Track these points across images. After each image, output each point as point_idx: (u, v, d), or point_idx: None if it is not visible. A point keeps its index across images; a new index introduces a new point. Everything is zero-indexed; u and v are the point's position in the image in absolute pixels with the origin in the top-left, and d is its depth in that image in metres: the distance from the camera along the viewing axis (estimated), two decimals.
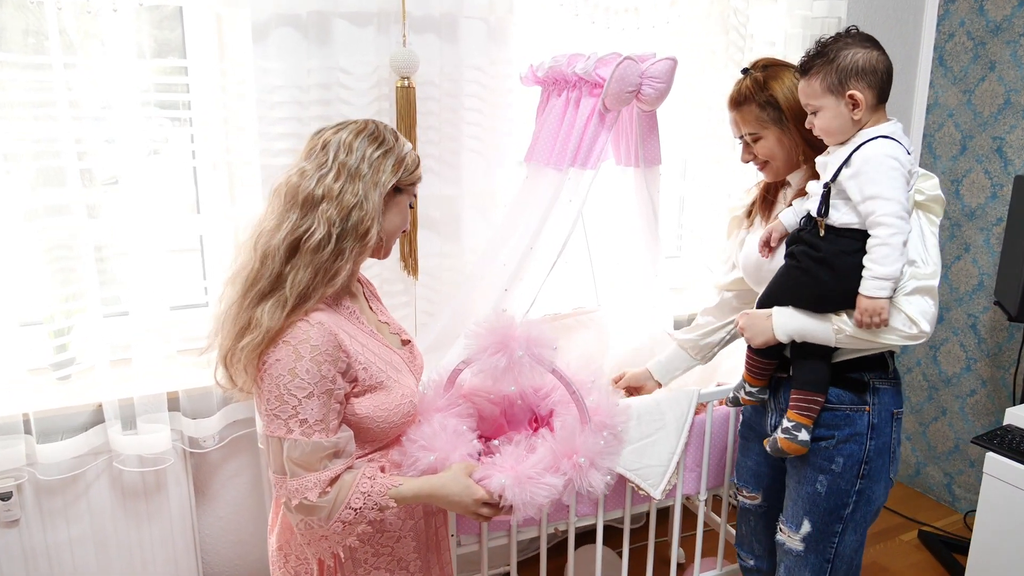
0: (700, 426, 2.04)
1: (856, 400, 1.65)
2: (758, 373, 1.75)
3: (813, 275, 1.56)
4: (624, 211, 2.21)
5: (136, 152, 1.92)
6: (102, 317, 1.96)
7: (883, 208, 1.44)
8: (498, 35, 2.16)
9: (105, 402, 1.94)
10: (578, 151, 1.88)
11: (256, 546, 2.30)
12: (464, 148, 2.19)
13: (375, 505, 1.32)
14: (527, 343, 1.43)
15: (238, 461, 2.21)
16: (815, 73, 1.52)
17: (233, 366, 1.32)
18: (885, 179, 1.45)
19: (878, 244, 1.45)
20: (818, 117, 1.54)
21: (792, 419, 1.65)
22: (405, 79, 2.03)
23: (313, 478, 1.27)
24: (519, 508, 1.39)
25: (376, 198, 1.33)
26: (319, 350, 1.26)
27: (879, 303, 1.47)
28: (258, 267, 1.30)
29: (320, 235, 1.28)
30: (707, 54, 2.41)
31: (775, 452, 1.69)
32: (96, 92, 1.87)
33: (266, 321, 1.26)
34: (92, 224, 1.92)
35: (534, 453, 1.47)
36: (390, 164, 1.35)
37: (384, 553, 1.44)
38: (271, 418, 1.28)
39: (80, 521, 2.01)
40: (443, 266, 2.25)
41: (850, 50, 1.49)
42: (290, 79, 1.97)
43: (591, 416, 1.50)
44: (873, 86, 1.50)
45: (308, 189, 1.30)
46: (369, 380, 1.36)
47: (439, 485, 1.38)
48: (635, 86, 1.82)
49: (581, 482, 1.44)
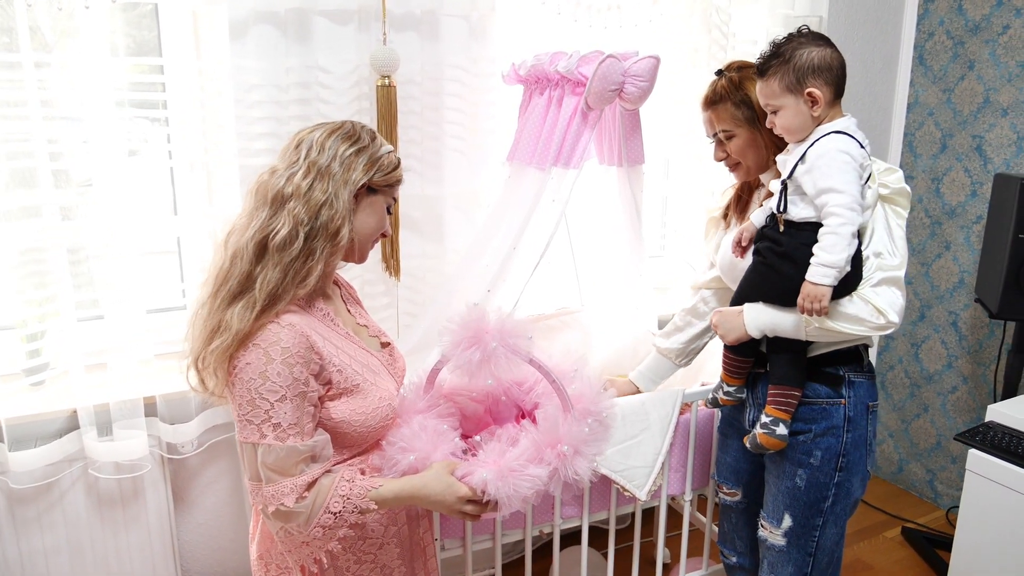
0: (685, 426, 2.03)
1: (832, 393, 1.68)
2: (735, 371, 1.77)
3: (777, 270, 1.60)
4: (607, 211, 2.20)
5: (111, 153, 1.87)
6: (76, 321, 1.92)
7: (835, 200, 1.48)
8: (480, 33, 2.14)
9: (80, 408, 1.90)
10: (561, 150, 1.87)
11: (236, 552, 2.26)
12: (446, 148, 2.17)
13: (355, 508, 1.29)
14: (500, 335, 1.41)
15: (217, 467, 2.17)
16: (772, 73, 1.56)
17: (204, 370, 1.30)
18: (837, 172, 1.49)
19: (827, 232, 1.49)
20: (779, 116, 1.58)
21: (770, 414, 1.68)
22: (386, 78, 2.01)
23: (289, 483, 1.24)
24: (504, 502, 1.36)
25: (346, 196, 1.31)
26: (290, 352, 1.24)
27: (820, 289, 1.49)
28: (228, 266, 1.28)
29: (284, 232, 1.26)
30: (689, 52, 2.40)
31: (754, 448, 1.71)
32: (70, 92, 1.83)
33: (235, 323, 1.23)
34: (66, 226, 1.88)
35: (517, 446, 1.45)
36: (362, 162, 1.33)
37: (367, 560, 1.41)
38: (244, 424, 1.25)
39: (55, 530, 1.96)
40: (425, 267, 2.23)
41: (805, 49, 1.53)
42: (268, 78, 1.94)
43: (574, 404, 1.48)
44: (830, 82, 1.54)
45: (277, 187, 1.29)
46: (344, 383, 1.33)
47: (420, 485, 1.35)
48: (618, 84, 1.81)
49: (566, 471, 1.42)
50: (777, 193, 1.59)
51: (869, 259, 1.58)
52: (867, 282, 1.56)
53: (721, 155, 1.80)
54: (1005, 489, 2.04)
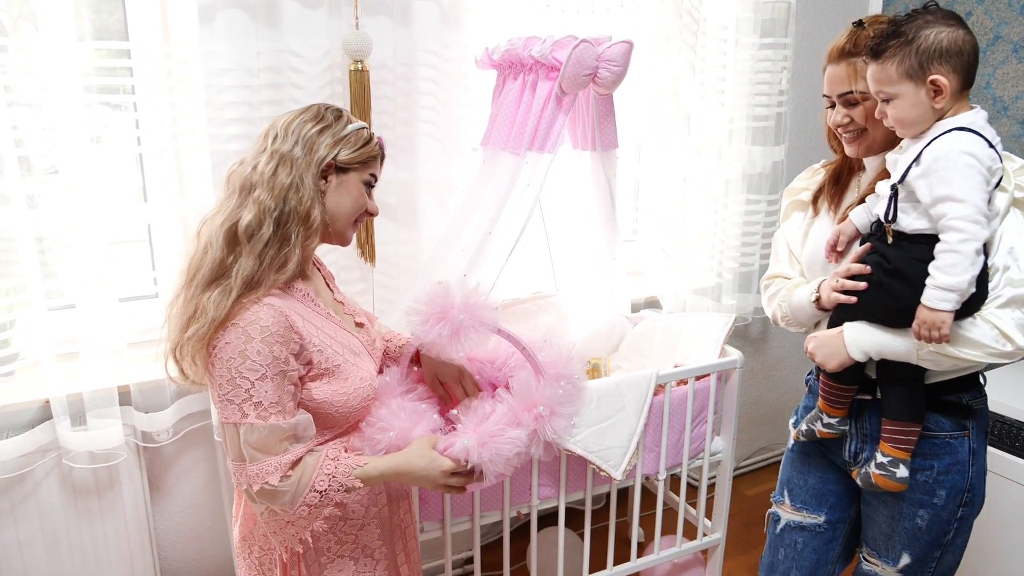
0: (658, 407, 2.07)
1: (955, 426, 1.51)
2: (837, 401, 1.56)
3: (886, 288, 1.41)
4: (581, 195, 2.22)
5: (77, 139, 1.84)
6: (46, 311, 1.89)
7: (955, 211, 1.29)
8: (452, 18, 2.14)
9: (52, 398, 1.87)
10: (535, 135, 1.88)
11: (214, 540, 2.26)
12: (419, 133, 2.17)
13: (340, 486, 1.29)
14: (467, 307, 1.44)
15: (193, 454, 2.17)
16: (890, 55, 1.34)
17: (183, 359, 1.29)
18: (958, 178, 1.29)
19: (946, 250, 1.30)
20: (892, 106, 1.37)
21: (887, 453, 1.50)
22: (358, 63, 2.00)
23: (273, 462, 1.24)
24: (487, 467, 1.37)
25: (311, 178, 1.30)
26: (269, 331, 1.23)
27: (940, 316, 1.31)
28: (199, 255, 1.28)
29: (249, 218, 1.26)
30: (661, 38, 2.42)
31: (868, 487, 1.54)
32: (31, 76, 1.79)
33: (211, 310, 1.23)
34: (33, 214, 1.85)
35: (494, 414, 1.47)
36: (325, 141, 1.32)
37: (348, 541, 1.42)
38: (225, 403, 1.24)
39: (29, 522, 1.95)
40: (400, 253, 2.23)
41: (932, 29, 1.31)
42: (239, 63, 1.92)
43: (545, 369, 1.51)
44: (958, 70, 1.32)
45: (244, 174, 1.30)
46: (325, 363, 1.33)
47: (405, 462, 1.35)
48: (592, 69, 1.82)
49: (544, 430, 1.45)
50: (886, 199, 1.40)
51: (996, 272, 1.38)
52: (992, 301, 1.37)
53: (844, 119, 1.52)
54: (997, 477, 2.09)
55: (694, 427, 2.16)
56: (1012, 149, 2.67)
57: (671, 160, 2.59)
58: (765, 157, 2.72)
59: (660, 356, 2.36)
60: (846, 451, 1.64)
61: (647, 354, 2.39)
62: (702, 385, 2.15)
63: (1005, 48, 2.65)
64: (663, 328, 2.38)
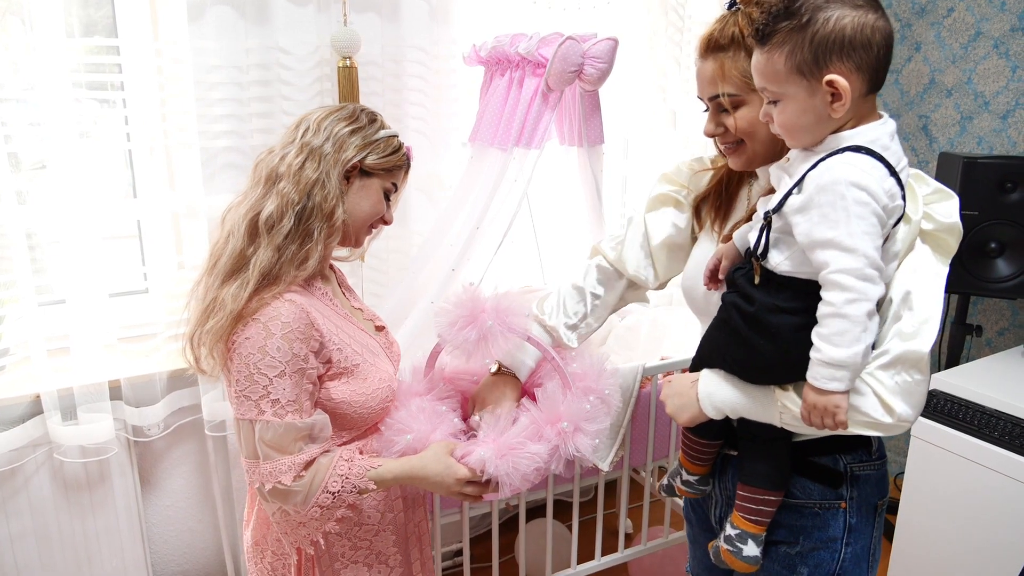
0: (646, 400, 2.10)
1: (828, 494, 1.23)
2: (698, 457, 1.33)
3: (745, 339, 1.13)
4: (568, 190, 2.24)
5: (66, 135, 1.85)
6: (37, 306, 1.90)
7: (839, 262, 1.00)
8: (440, 14, 2.16)
9: (43, 393, 1.89)
10: (522, 131, 1.90)
11: (204, 534, 2.28)
12: (408, 129, 2.19)
13: (354, 488, 1.28)
14: (496, 312, 1.39)
15: (184, 449, 2.18)
16: (778, 43, 1.02)
17: (198, 348, 1.28)
18: (845, 219, 0.99)
19: (831, 314, 1.01)
20: (779, 108, 1.07)
21: (737, 525, 1.24)
22: (347, 59, 2.02)
23: (288, 461, 1.23)
24: (503, 480, 1.32)
25: (336, 176, 1.29)
26: (290, 327, 1.22)
27: (832, 399, 1.03)
28: (222, 243, 1.28)
29: (271, 209, 1.25)
30: (647, 35, 2.45)
31: (717, 562, 1.29)
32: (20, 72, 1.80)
33: (229, 303, 1.22)
34: (22, 210, 1.86)
35: (516, 424, 1.41)
36: (355, 142, 1.31)
37: (362, 547, 1.40)
38: (241, 400, 1.23)
39: (20, 516, 1.96)
40: (390, 248, 2.25)
41: (832, 11, 0.99)
42: (228, 59, 1.94)
43: (575, 382, 1.45)
44: (864, 67, 1.02)
45: (271, 164, 1.29)
46: (344, 362, 1.32)
47: (420, 466, 1.33)
48: (577, 66, 1.84)
49: (567, 447, 1.38)
50: (756, 228, 1.12)
51: (886, 321, 1.09)
52: (877, 358, 1.08)
53: (717, 128, 1.22)
54: (947, 453, 2.15)
55: None
56: (993, 145, 2.72)
57: (658, 155, 2.61)
58: None
59: (647, 349, 2.38)
60: (712, 515, 1.40)
61: (634, 347, 2.42)
62: None
63: (986, 44, 2.69)
64: (650, 322, 2.41)
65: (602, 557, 2.23)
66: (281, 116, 2.03)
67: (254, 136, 2.02)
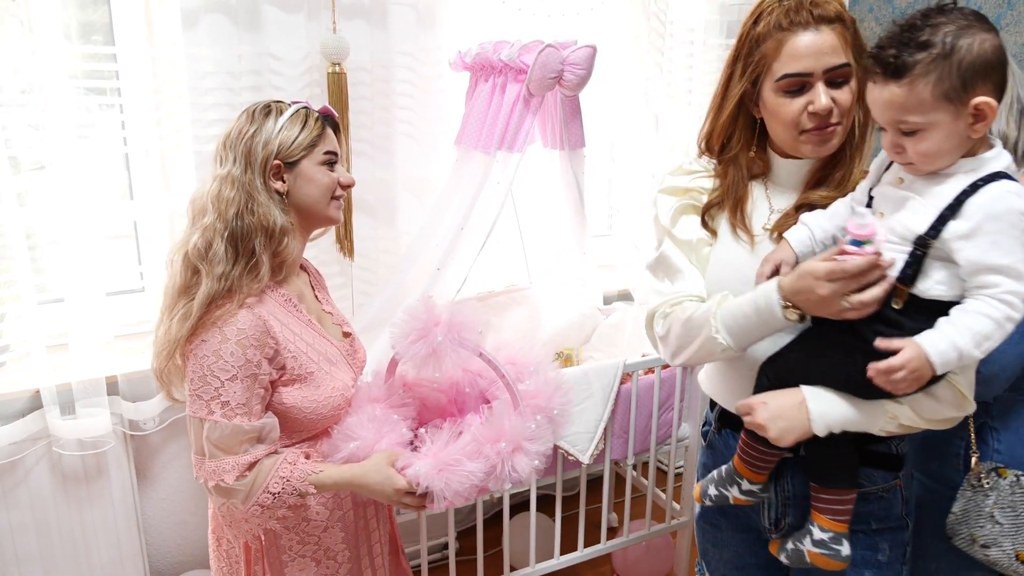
0: (626, 395, 2.16)
1: (888, 478, 1.30)
2: (760, 466, 1.31)
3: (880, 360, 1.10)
4: (552, 192, 2.31)
5: (65, 138, 1.91)
6: (36, 304, 1.96)
7: (1010, 286, 1.04)
8: (428, 21, 2.23)
9: (43, 388, 1.95)
10: (505, 135, 1.97)
11: (199, 527, 2.34)
12: (397, 133, 2.25)
13: (294, 491, 1.32)
14: (449, 328, 1.39)
15: (179, 443, 2.24)
16: (921, 74, 1.03)
17: (167, 384, 1.37)
18: (1017, 247, 1.04)
19: (984, 316, 1.05)
20: (918, 138, 1.06)
21: (826, 527, 1.25)
22: (336, 65, 2.08)
23: (231, 461, 1.28)
24: (437, 496, 1.34)
25: (259, 188, 1.31)
26: (245, 334, 1.27)
27: (926, 372, 1.07)
28: (169, 283, 1.34)
29: (194, 242, 1.29)
30: (630, 40, 2.51)
31: (799, 564, 1.28)
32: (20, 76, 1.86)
33: (175, 330, 1.29)
34: (22, 212, 1.92)
35: (459, 440, 1.42)
36: (260, 144, 1.31)
37: (310, 542, 1.44)
38: (194, 399, 1.29)
39: (20, 508, 2.02)
40: (379, 248, 2.32)
41: (972, 36, 1.02)
42: (221, 65, 2.01)
43: (526, 400, 1.46)
44: (999, 86, 1.05)
45: (199, 201, 1.33)
46: (298, 369, 1.35)
47: (360, 474, 1.36)
48: (557, 72, 1.91)
49: (504, 468, 1.38)
50: (905, 255, 1.10)
51: None
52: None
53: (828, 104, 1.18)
54: None
55: (661, 414, 2.26)
56: None
57: (642, 158, 2.68)
58: None
59: (631, 346, 2.45)
60: (765, 518, 1.39)
61: (618, 345, 2.49)
62: (668, 373, 2.24)
63: None
64: (633, 320, 2.48)
65: (585, 548, 2.30)
66: None
67: None
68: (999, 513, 1.37)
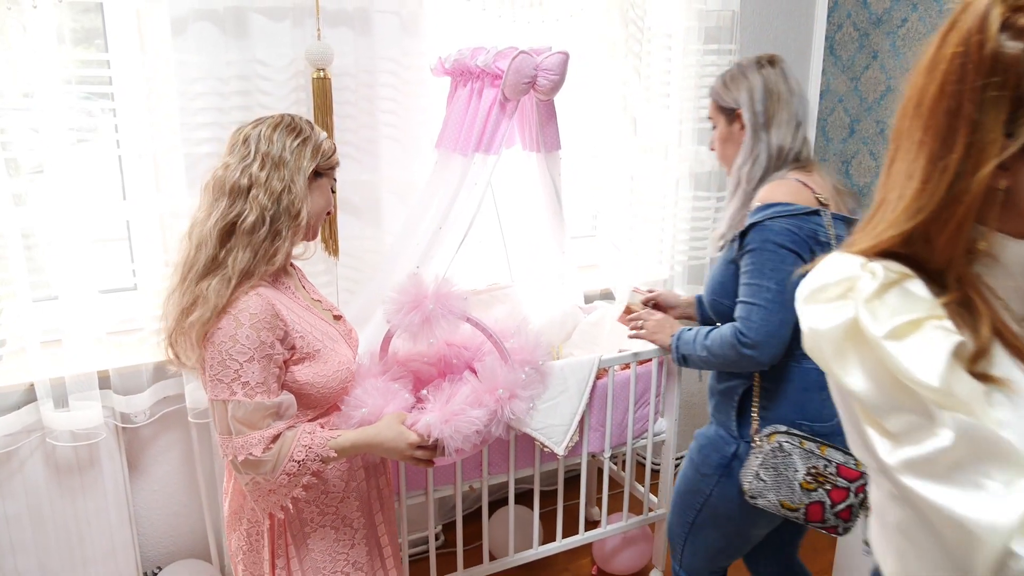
0: (602, 389, 2.23)
1: None
2: None
3: None
4: (531, 193, 2.38)
5: (60, 140, 1.99)
6: (32, 302, 2.04)
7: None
8: (411, 28, 2.30)
9: (37, 381, 2.03)
10: (482, 137, 2.04)
11: (189, 517, 2.42)
12: (381, 136, 2.32)
13: (317, 456, 1.44)
14: (437, 297, 1.56)
15: (169, 436, 2.32)
16: None
17: (178, 344, 1.45)
18: None
19: None
20: None
21: None
22: (321, 71, 2.16)
23: (257, 435, 1.39)
24: (448, 442, 1.50)
25: (301, 182, 1.46)
26: (257, 318, 1.38)
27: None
28: (193, 253, 1.44)
29: (253, 217, 1.41)
30: (608, 46, 2.58)
31: None
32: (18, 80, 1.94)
33: (213, 298, 1.38)
34: (19, 212, 1.99)
35: (459, 394, 1.60)
36: (309, 151, 1.48)
37: (329, 512, 1.56)
38: (215, 383, 1.38)
39: (16, 498, 2.09)
40: (364, 248, 2.39)
41: None
42: (210, 71, 2.08)
43: (511, 356, 1.63)
44: None
45: (234, 179, 1.44)
46: (306, 348, 1.47)
47: (374, 434, 1.50)
48: (531, 78, 1.98)
49: (504, 411, 1.57)
50: None
51: None
52: None
53: None
54: None
55: (637, 408, 2.32)
56: None
57: (620, 160, 2.75)
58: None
59: (610, 343, 2.52)
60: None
61: (598, 341, 2.56)
62: (644, 369, 2.31)
63: None
64: (613, 318, 2.54)
65: (563, 539, 2.36)
66: None
67: None
68: (763, 472, 1.63)
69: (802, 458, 1.61)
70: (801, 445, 1.63)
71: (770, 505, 1.65)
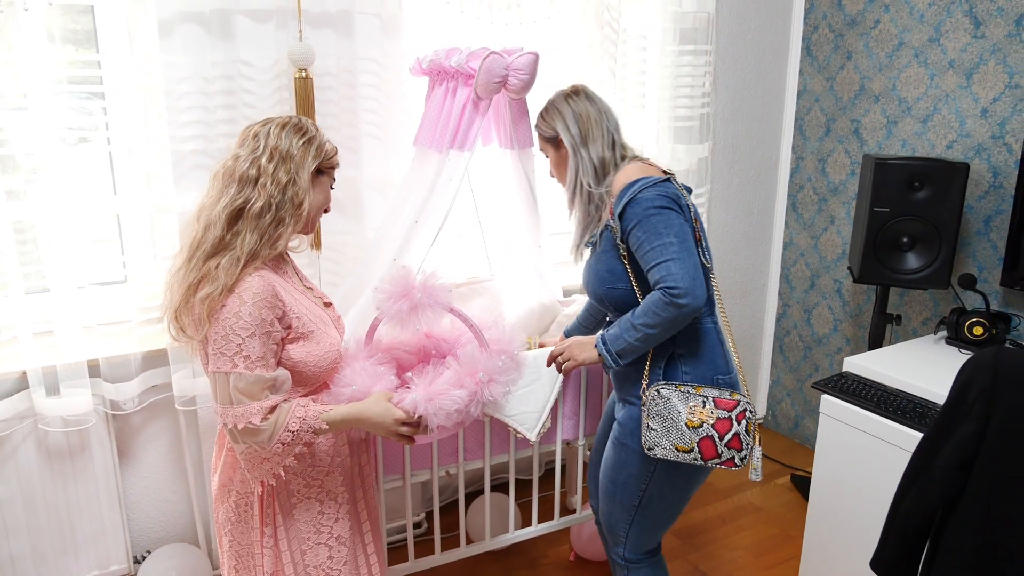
0: (575, 379, 2.31)
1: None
2: None
3: None
4: (508, 189, 2.45)
5: (53, 139, 2.07)
6: (24, 293, 2.12)
7: None
8: (391, 29, 2.38)
9: (29, 370, 2.11)
10: (456, 135, 2.12)
11: (178, 503, 2.50)
12: (362, 134, 2.41)
13: (310, 428, 1.55)
14: (424, 288, 1.68)
15: (158, 424, 2.40)
16: None
17: (181, 319, 1.56)
18: None
19: None
20: None
21: None
22: (303, 71, 2.24)
23: (256, 405, 1.50)
24: (431, 418, 1.62)
25: (305, 176, 1.59)
26: (260, 296, 1.50)
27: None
28: (201, 234, 1.56)
29: (261, 204, 1.54)
30: (584, 47, 2.66)
31: None
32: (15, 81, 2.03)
33: (223, 276, 1.50)
34: (11, 207, 2.08)
35: (442, 376, 1.71)
36: (313, 149, 1.62)
37: (315, 485, 1.68)
38: (218, 356, 1.49)
39: (8, 482, 2.18)
40: (347, 242, 2.47)
41: None
42: (196, 72, 2.17)
43: (490, 344, 1.75)
44: None
45: (243, 169, 1.57)
46: (301, 328, 1.59)
47: (363, 409, 1.61)
48: (501, 77, 2.06)
49: (483, 393, 1.69)
50: None
51: None
52: None
53: None
54: (853, 429, 2.34)
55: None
56: (915, 147, 2.92)
57: None
58: (690, 154, 2.96)
59: None
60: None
61: None
62: None
63: (908, 53, 2.89)
64: None
65: (539, 524, 2.44)
66: (244, 123, 2.23)
67: (220, 140, 2.24)
68: (652, 422, 1.78)
69: (681, 399, 1.77)
70: (678, 388, 1.78)
71: (668, 452, 1.77)
